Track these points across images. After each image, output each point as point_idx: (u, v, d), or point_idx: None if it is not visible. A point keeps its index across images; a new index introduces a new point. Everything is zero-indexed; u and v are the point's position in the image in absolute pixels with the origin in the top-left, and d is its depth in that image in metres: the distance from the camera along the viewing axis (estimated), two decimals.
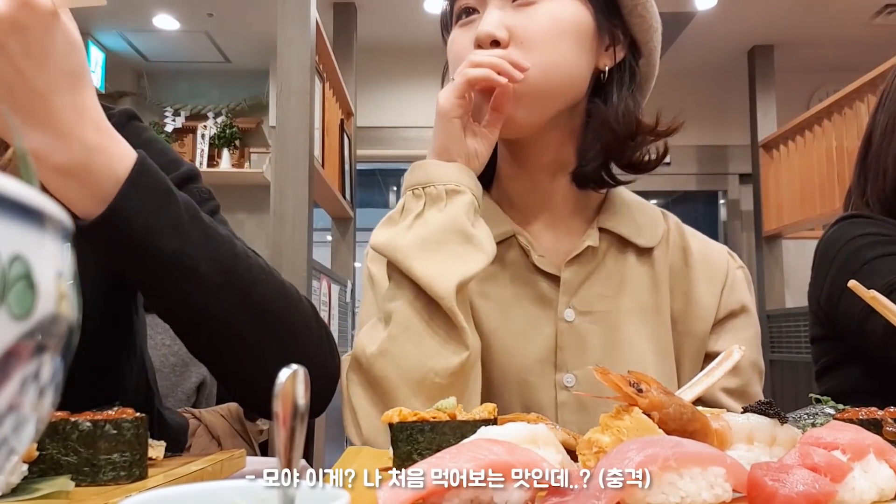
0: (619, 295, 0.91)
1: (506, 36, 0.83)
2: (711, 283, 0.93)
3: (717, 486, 0.48)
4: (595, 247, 0.91)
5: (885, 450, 0.53)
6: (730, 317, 0.94)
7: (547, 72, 0.84)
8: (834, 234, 1.28)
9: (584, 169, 0.90)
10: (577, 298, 0.91)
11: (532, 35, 0.83)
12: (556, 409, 0.88)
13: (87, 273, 0.81)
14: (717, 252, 0.98)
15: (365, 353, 0.82)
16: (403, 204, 0.85)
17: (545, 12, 0.84)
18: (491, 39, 0.83)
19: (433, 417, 0.61)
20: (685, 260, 0.95)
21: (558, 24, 0.84)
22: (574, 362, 0.89)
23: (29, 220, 0.24)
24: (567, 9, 0.85)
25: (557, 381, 0.89)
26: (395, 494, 0.44)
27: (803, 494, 0.45)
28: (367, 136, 4.14)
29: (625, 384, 0.56)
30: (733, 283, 0.95)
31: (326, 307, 2.65)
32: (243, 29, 4.12)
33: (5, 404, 0.23)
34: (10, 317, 0.22)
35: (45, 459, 0.61)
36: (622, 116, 0.88)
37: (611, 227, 0.93)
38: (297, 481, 0.36)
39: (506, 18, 0.84)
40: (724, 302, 0.93)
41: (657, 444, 0.48)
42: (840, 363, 1.29)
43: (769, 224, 4.21)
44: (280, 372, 0.36)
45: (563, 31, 0.84)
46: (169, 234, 0.64)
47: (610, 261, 0.92)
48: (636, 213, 0.96)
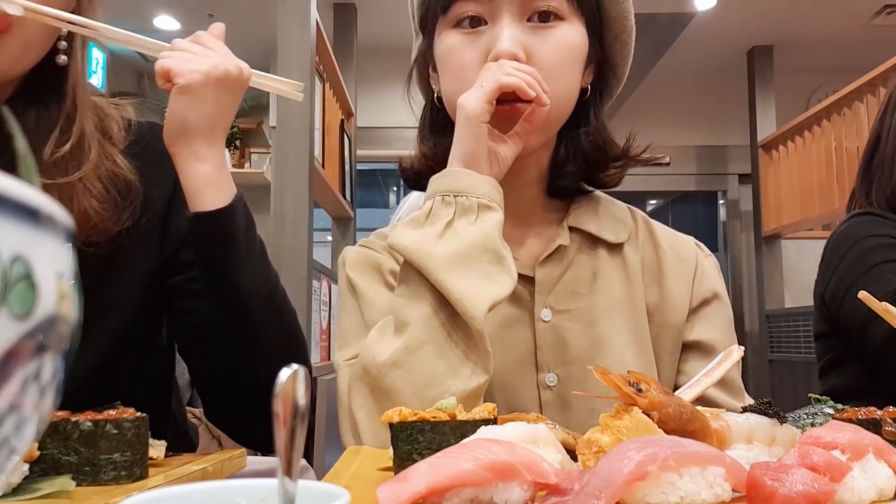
0: (594, 291, 0.92)
1: (524, 57, 0.84)
2: (682, 274, 0.95)
3: (716, 485, 0.48)
4: (566, 245, 0.93)
5: (884, 449, 0.53)
6: (703, 305, 0.95)
7: (562, 98, 0.87)
8: (844, 231, 1.29)
9: (559, 183, 0.94)
10: (553, 297, 0.92)
11: (550, 62, 0.85)
12: (540, 408, 0.89)
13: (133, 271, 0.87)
14: (686, 243, 1.00)
15: (375, 361, 0.78)
16: (431, 208, 0.82)
17: (561, 39, 0.86)
18: (512, 58, 0.83)
19: (433, 417, 0.61)
20: (655, 253, 0.97)
21: (571, 53, 0.87)
22: (554, 361, 0.90)
23: (30, 220, 0.24)
24: (577, 35, 0.87)
25: (539, 381, 0.90)
26: (395, 494, 0.44)
27: (802, 494, 0.46)
28: (368, 137, 4.14)
29: (624, 384, 0.56)
30: (703, 271, 0.96)
31: (326, 307, 2.65)
32: (243, 29, 4.12)
33: (6, 404, 0.23)
34: (11, 317, 0.22)
35: (45, 459, 0.61)
36: (596, 137, 0.92)
37: (579, 224, 0.94)
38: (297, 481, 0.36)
39: (521, 37, 0.85)
40: (696, 291, 0.95)
41: (657, 443, 0.48)
42: (843, 361, 1.29)
43: (768, 224, 4.21)
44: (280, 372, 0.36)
45: (575, 60, 0.87)
46: (250, 240, 0.81)
47: (582, 258, 0.94)
48: (603, 210, 0.97)
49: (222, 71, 0.77)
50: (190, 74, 0.75)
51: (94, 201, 0.81)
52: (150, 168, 0.90)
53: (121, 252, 0.85)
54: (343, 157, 3.20)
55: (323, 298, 2.57)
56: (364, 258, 0.95)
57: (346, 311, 0.92)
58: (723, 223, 5.06)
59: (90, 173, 0.82)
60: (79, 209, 0.79)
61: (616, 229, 0.95)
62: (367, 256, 0.95)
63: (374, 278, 0.93)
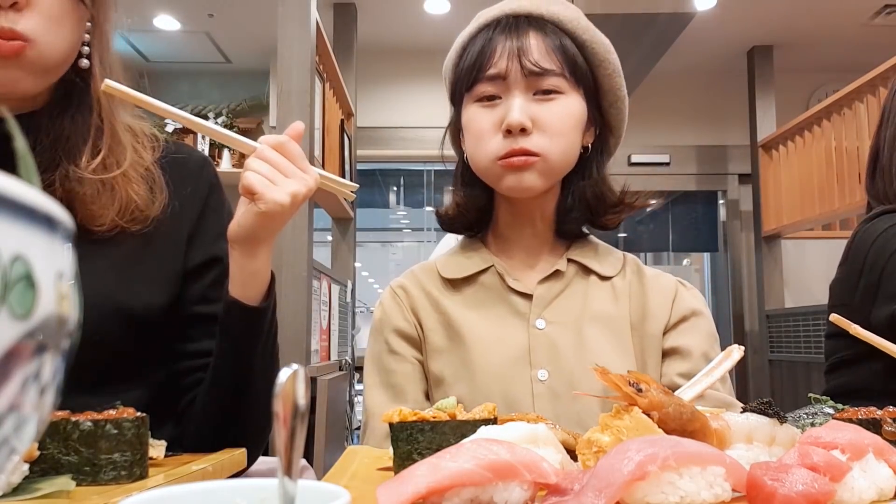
0: (584, 308, 1.08)
1: (530, 125, 1.02)
2: (663, 297, 1.10)
3: (716, 485, 0.48)
4: (563, 271, 1.09)
5: (884, 449, 0.53)
6: (682, 321, 1.08)
7: (565, 154, 1.05)
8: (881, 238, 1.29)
9: (564, 226, 1.11)
10: (548, 311, 1.07)
11: (552, 126, 1.03)
12: (533, 399, 1.02)
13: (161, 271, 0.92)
14: (669, 278, 1.15)
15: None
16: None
17: (561, 108, 1.04)
18: (521, 128, 1.01)
19: (433, 417, 0.61)
20: (641, 282, 1.12)
21: (570, 118, 1.04)
22: (546, 360, 1.04)
23: (30, 220, 0.24)
24: (574, 105, 1.05)
25: (532, 376, 1.03)
26: (396, 494, 0.44)
27: (802, 494, 0.46)
28: (368, 137, 4.14)
29: (624, 384, 0.56)
30: (681, 297, 1.11)
31: (327, 307, 2.65)
32: (244, 29, 4.12)
33: (6, 404, 0.23)
34: (11, 317, 0.22)
35: (45, 459, 0.61)
36: (597, 188, 1.09)
37: (577, 258, 1.11)
38: (297, 481, 0.36)
39: (528, 109, 1.02)
40: (675, 310, 1.09)
41: (657, 443, 0.48)
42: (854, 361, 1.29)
43: (768, 224, 4.21)
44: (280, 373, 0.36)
45: (574, 124, 1.05)
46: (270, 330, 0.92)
47: (576, 283, 1.10)
48: (600, 251, 1.14)
49: (300, 198, 0.85)
50: (272, 204, 0.82)
51: (134, 186, 0.92)
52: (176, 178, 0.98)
53: (160, 232, 0.94)
54: (343, 157, 3.20)
55: (323, 298, 2.57)
56: (379, 316, 1.12)
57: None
58: (723, 223, 5.06)
59: (129, 167, 0.92)
60: (124, 195, 0.90)
61: (608, 266, 1.12)
62: (383, 312, 1.12)
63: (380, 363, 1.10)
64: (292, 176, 0.84)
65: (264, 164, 0.84)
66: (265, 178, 0.83)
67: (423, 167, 5.30)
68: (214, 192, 1.02)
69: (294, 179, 0.84)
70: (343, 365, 3.02)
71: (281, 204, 0.82)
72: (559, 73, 1.03)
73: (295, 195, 0.84)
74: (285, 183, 0.83)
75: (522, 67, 1.02)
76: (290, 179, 0.84)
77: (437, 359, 1.06)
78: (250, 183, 0.82)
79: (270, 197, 0.82)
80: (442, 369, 1.05)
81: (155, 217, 0.93)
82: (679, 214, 5.41)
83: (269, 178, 0.83)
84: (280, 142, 0.85)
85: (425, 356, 1.08)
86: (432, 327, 1.08)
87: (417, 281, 1.13)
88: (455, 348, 1.06)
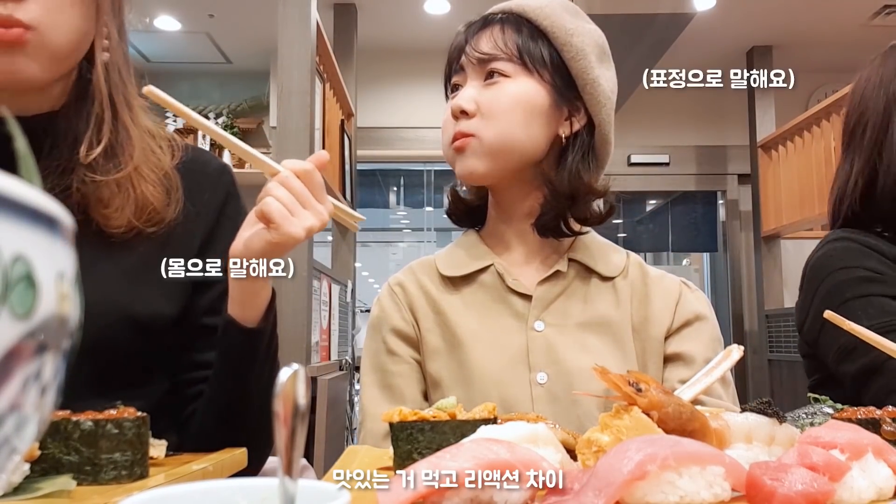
0: (585, 311, 1.07)
1: (474, 108, 1.04)
2: (666, 300, 1.08)
3: (715, 485, 0.49)
4: (563, 272, 1.08)
5: (883, 449, 0.53)
6: (685, 325, 1.07)
7: (501, 134, 1.04)
8: (819, 260, 1.30)
9: (542, 220, 1.07)
10: (547, 313, 1.06)
11: (493, 108, 1.04)
12: (532, 402, 1.01)
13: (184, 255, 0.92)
14: (672, 279, 1.13)
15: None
16: None
17: (505, 90, 1.04)
18: (461, 111, 1.04)
19: (433, 417, 0.61)
20: (644, 283, 1.10)
21: (513, 99, 1.04)
22: (545, 362, 1.03)
23: (31, 220, 0.24)
24: (522, 88, 1.05)
25: (531, 379, 1.02)
26: (395, 494, 0.44)
27: (802, 493, 0.46)
28: (368, 137, 4.14)
29: (624, 383, 0.56)
30: (686, 300, 1.09)
31: (327, 307, 2.66)
32: (244, 30, 4.12)
33: (7, 403, 0.23)
34: (11, 316, 0.22)
35: (46, 458, 0.61)
36: (568, 179, 1.05)
37: (578, 257, 1.10)
38: (297, 481, 0.37)
39: (477, 95, 1.05)
40: (678, 314, 1.08)
41: (656, 443, 0.48)
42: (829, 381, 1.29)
43: (768, 224, 4.20)
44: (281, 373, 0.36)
45: (515, 106, 1.04)
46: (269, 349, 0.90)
47: (577, 284, 1.09)
48: (602, 250, 1.12)
49: (313, 232, 0.84)
50: (287, 237, 0.81)
51: (150, 186, 0.91)
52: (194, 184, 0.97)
53: (174, 238, 0.93)
54: (343, 158, 3.20)
55: (323, 298, 2.57)
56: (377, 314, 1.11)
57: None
58: (722, 223, 5.05)
59: (143, 164, 0.91)
60: (139, 195, 0.89)
61: (610, 266, 1.10)
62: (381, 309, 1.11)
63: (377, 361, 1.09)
64: (310, 208, 0.83)
65: (286, 193, 0.82)
66: (284, 209, 0.81)
67: (423, 167, 5.30)
68: (232, 200, 1.01)
69: (311, 212, 0.83)
70: (343, 365, 3.02)
71: (295, 238, 0.81)
72: (505, 58, 1.04)
73: (310, 230, 0.83)
74: (302, 216, 0.82)
75: (468, 55, 1.06)
76: (307, 212, 0.83)
77: (435, 360, 1.06)
78: (270, 211, 0.81)
79: (286, 230, 0.81)
80: (439, 371, 1.05)
81: (170, 220, 0.92)
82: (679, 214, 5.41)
83: (290, 208, 0.82)
84: (305, 170, 0.83)
85: (423, 356, 1.07)
86: (429, 328, 1.07)
87: (416, 279, 1.12)
88: (452, 350, 1.05)
